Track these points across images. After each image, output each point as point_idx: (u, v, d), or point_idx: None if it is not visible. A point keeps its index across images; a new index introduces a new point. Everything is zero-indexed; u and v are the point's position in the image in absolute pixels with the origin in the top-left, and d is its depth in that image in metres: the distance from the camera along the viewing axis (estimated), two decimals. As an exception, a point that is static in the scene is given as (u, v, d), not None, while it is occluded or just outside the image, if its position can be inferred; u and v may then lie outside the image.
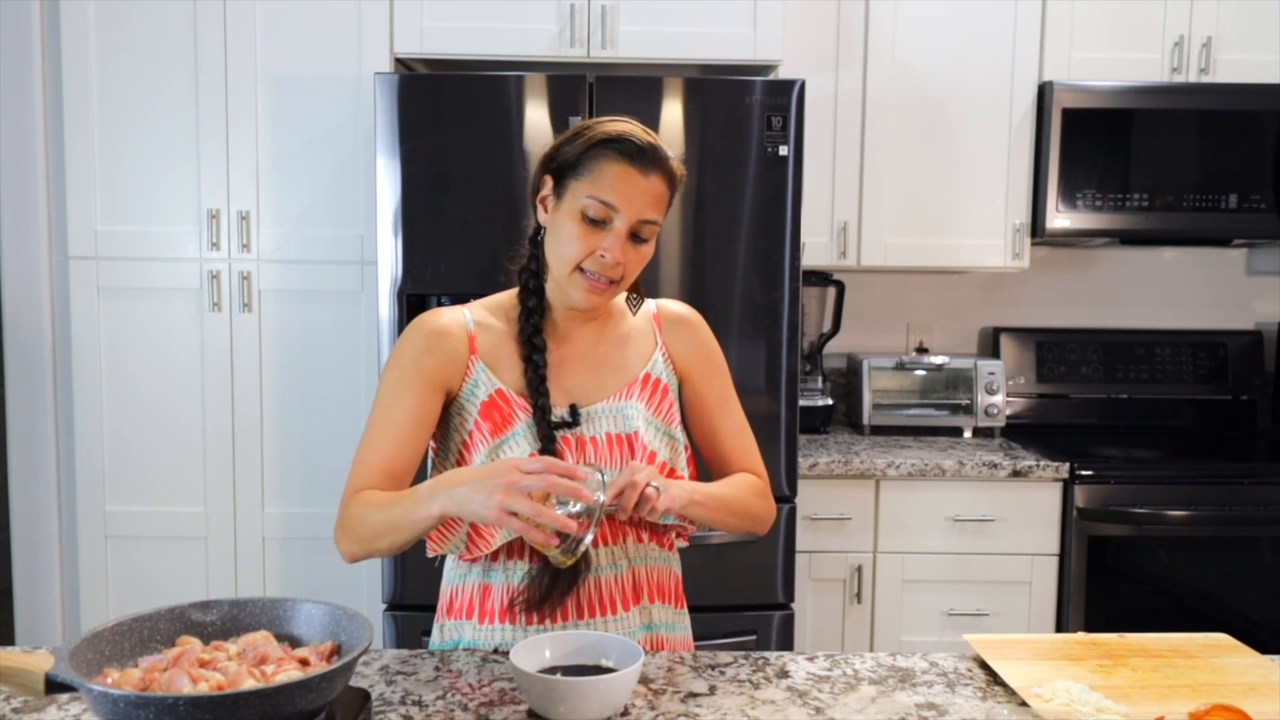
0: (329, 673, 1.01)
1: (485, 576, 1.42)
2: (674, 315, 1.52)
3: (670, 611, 1.49)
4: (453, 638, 1.45)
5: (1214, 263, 3.32)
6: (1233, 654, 1.40)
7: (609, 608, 1.41)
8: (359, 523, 1.37)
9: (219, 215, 2.67)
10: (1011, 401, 3.17)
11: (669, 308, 1.53)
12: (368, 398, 2.69)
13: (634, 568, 1.43)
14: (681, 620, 1.51)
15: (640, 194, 1.35)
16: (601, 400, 1.42)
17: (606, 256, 1.34)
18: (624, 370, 1.46)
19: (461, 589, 1.45)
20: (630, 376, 1.45)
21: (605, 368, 1.45)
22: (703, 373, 1.50)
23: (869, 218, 2.92)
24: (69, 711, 1.18)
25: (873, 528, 2.71)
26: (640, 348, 1.48)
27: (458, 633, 1.44)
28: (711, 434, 1.51)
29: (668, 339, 1.50)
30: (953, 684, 1.30)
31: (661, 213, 1.38)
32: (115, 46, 2.64)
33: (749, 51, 2.60)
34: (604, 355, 1.46)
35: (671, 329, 1.51)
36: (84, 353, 2.70)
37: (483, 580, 1.42)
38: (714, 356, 1.53)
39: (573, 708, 1.13)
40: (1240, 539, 2.71)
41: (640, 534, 1.44)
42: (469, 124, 2.43)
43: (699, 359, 1.51)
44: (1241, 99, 2.82)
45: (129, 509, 2.74)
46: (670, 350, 1.50)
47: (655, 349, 1.49)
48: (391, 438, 1.39)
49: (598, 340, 1.47)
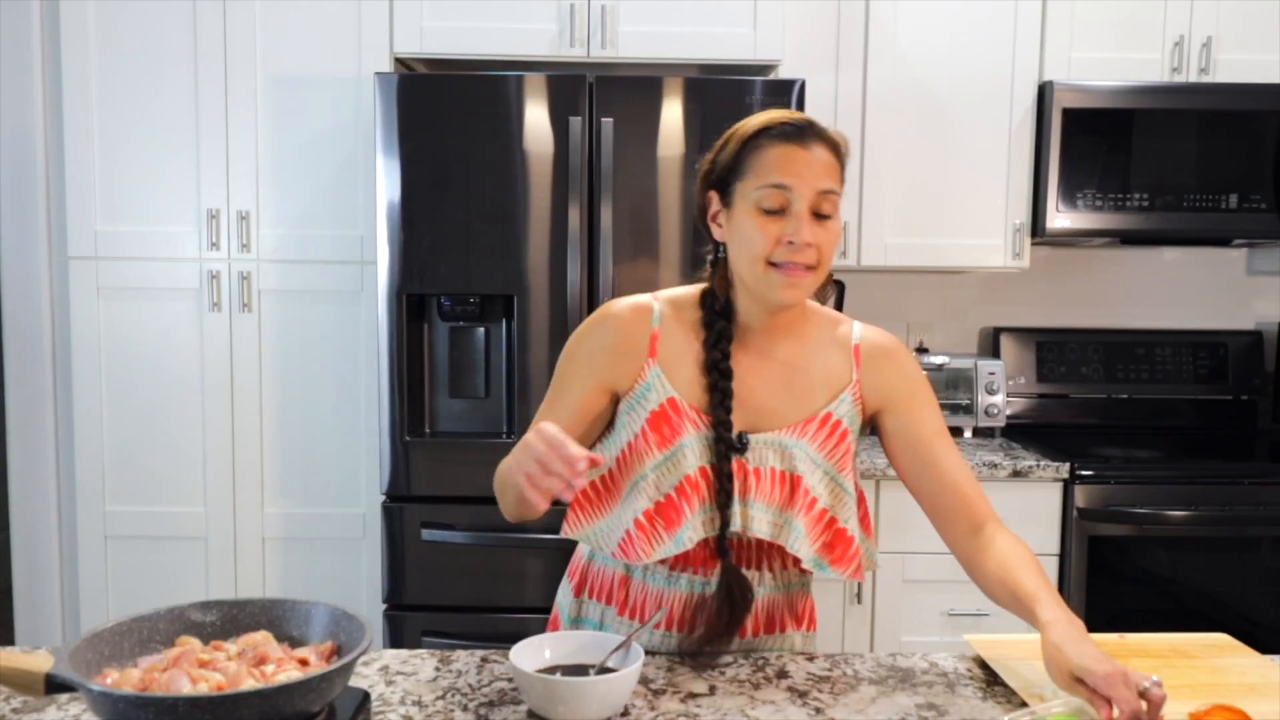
0: (329, 673, 1.01)
1: (628, 570, 1.41)
2: (875, 348, 1.41)
3: (801, 636, 1.46)
4: (590, 616, 1.45)
5: (1214, 263, 3.32)
6: (1233, 654, 1.40)
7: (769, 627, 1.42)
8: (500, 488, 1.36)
9: (219, 215, 2.67)
10: (1011, 401, 3.17)
11: (871, 339, 1.42)
12: (368, 398, 2.69)
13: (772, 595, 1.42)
14: (809, 644, 1.48)
15: (808, 166, 1.28)
16: (773, 430, 1.36)
17: (796, 240, 1.27)
18: (806, 403, 1.38)
19: (601, 571, 1.44)
20: (810, 412, 1.37)
21: (787, 395, 1.37)
22: (911, 404, 1.40)
23: (869, 218, 2.91)
24: (69, 711, 1.18)
25: (873, 528, 2.71)
26: (831, 381, 1.39)
27: (598, 615, 1.44)
28: (933, 464, 1.38)
29: (865, 375, 1.40)
30: (953, 684, 1.30)
31: (837, 180, 1.31)
32: (115, 46, 2.64)
33: (749, 51, 2.60)
34: (789, 378, 1.38)
35: (871, 364, 1.40)
36: (84, 353, 2.70)
37: (624, 572, 1.41)
38: (922, 388, 1.42)
39: (573, 708, 1.13)
40: (1240, 539, 2.71)
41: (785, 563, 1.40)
42: (469, 124, 2.43)
43: (906, 391, 1.40)
44: (1241, 99, 2.82)
45: (129, 509, 2.74)
46: (866, 387, 1.40)
47: (847, 387, 1.39)
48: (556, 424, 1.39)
49: (785, 358, 1.38)
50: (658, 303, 1.39)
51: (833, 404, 1.38)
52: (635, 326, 1.37)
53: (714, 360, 1.34)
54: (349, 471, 2.72)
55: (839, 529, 1.37)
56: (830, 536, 1.37)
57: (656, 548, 1.33)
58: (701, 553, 1.37)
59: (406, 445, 2.51)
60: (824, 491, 1.36)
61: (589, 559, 1.47)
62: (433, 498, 2.52)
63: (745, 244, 1.30)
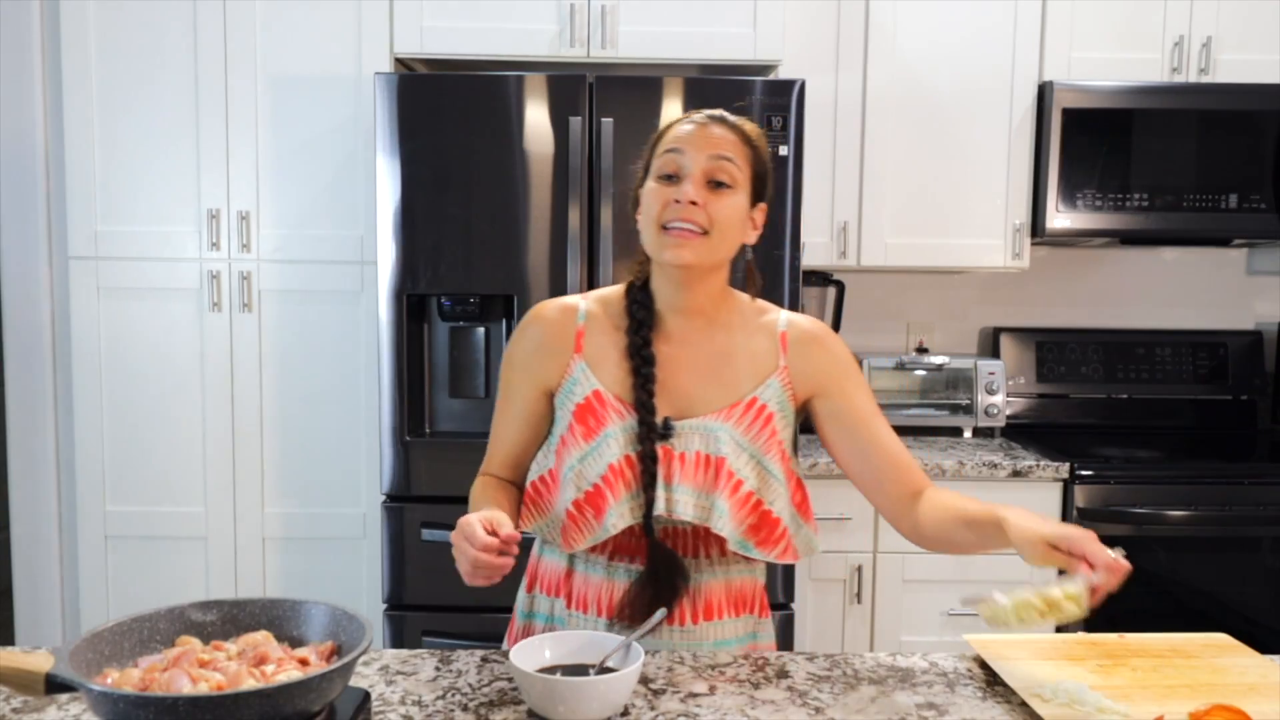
0: (329, 673, 1.01)
1: (570, 562, 1.44)
2: (803, 334, 1.44)
3: (753, 621, 1.48)
4: (541, 610, 1.47)
5: (1214, 263, 3.32)
6: (1233, 654, 1.40)
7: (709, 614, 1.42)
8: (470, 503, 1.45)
9: (219, 215, 2.67)
10: (1011, 401, 3.17)
11: (799, 325, 1.44)
12: (368, 398, 2.69)
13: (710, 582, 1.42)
14: (763, 629, 1.50)
15: (704, 138, 1.34)
16: (696, 416, 1.38)
17: (681, 199, 1.31)
18: (732, 388, 1.40)
19: (549, 566, 1.47)
20: (735, 398, 1.39)
21: (712, 380, 1.40)
22: (844, 387, 1.42)
23: (869, 218, 2.92)
24: (69, 711, 1.18)
25: (873, 528, 2.71)
26: (757, 367, 1.41)
27: (548, 608, 1.46)
28: (873, 443, 1.41)
29: (793, 361, 1.42)
30: (953, 684, 1.30)
31: (738, 153, 1.35)
32: (115, 46, 2.64)
33: (749, 51, 2.60)
34: (715, 366, 1.40)
35: (799, 349, 1.42)
36: (84, 353, 2.70)
37: (568, 565, 1.44)
38: (854, 371, 1.44)
39: (572, 708, 1.13)
40: (1240, 539, 2.71)
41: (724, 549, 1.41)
42: (469, 124, 2.43)
43: (837, 374, 1.43)
44: (1241, 99, 2.82)
45: (129, 509, 2.74)
46: (795, 373, 1.42)
47: (773, 373, 1.41)
48: (508, 432, 1.47)
49: (710, 347, 1.41)
50: (584, 301, 1.45)
51: (759, 389, 1.40)
52: (561, 324, 1.42)
53: (635, 346, 1.38)
54: (349, 471, 2.72)
55: (764, 511, 1.38)
56: (756, 519, 1.38)
57: (587, 535, 1.37)
58: (638, 542, 1.39)
59: (406, 445, 2.51)
60: (750, 474, 1.38)
61: (539, 555, 1.51)
62: (433, 498, 2.52)
63: (644, 212, 1.36)
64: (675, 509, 1.35)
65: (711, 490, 1.36)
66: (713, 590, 1.42)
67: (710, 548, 1.41)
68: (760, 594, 1.50)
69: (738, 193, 1.35)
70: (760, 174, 1.39)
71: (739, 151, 1.36)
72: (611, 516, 1.35)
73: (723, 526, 1.35)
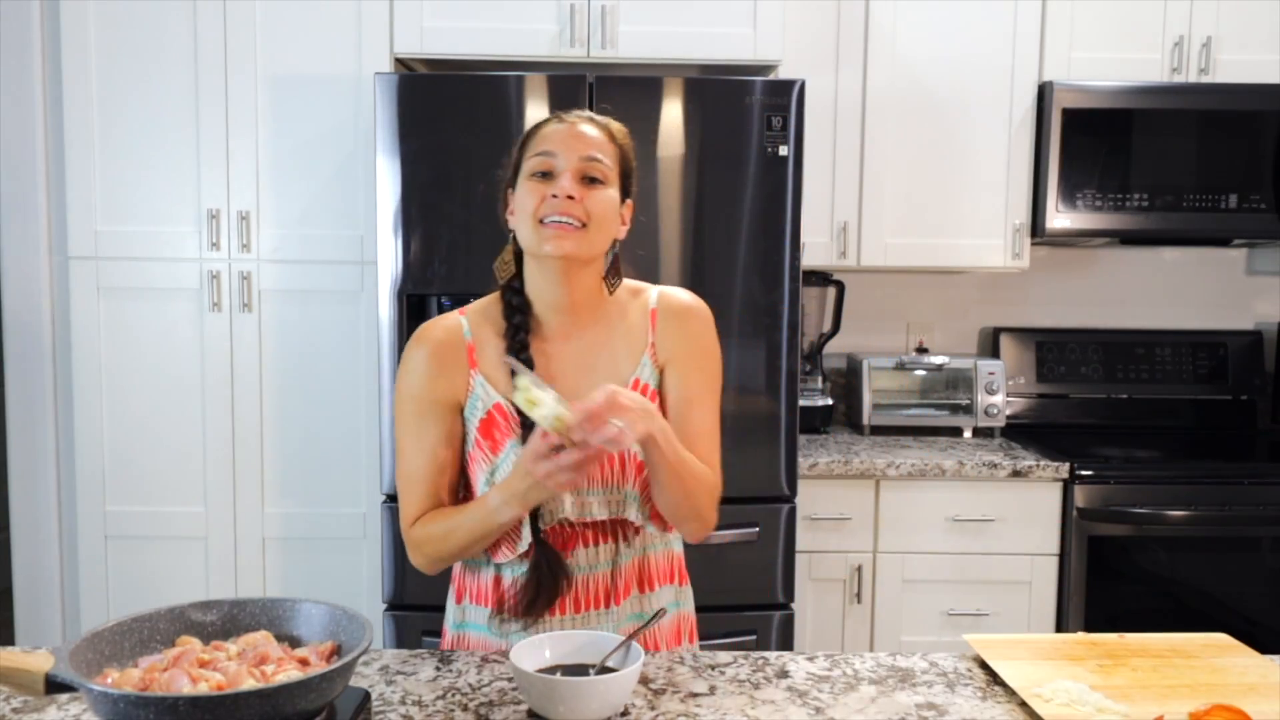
0: (329, 673, 1.01)
1: (498, 569, 1.44)
2: (672, 308, 1.46)
3: (672, 590, 1.50)
4: (474, 620, 1.47)
5: (1214, 263, 3.32)
6: (1233, 654, 1.40)
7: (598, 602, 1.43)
8: (437, 543, 1.40)
9: (219, 215, 2.67)
10: (1011, 401, 3.17)
11: (670, 299, 1.47)
12: (368, 397, 2.69)
13: (630, 561, 1.44)
14: (684, 597, 1.52)
15: (575, 138, 1.37)
16: None
17: (559, 194, 1.34)
18: (613, 375, 1.42)
19: (476, 576, 1.47)
20: (619, 383, 1.40)
21: (597, 371, 1.42)
22: (685, 366, 1.44)
23: (869, 218, 2.92)
24: (69, 711, 1.18)
25: (873, 528, 2.71)
26: (632, 349, 1.44)
27: (479, 617, 1.46)
28: (680, 429, 1.40)
29: (659, 336, 1.45)
30: (953, 684, 1.30)
31: (607, 154, 1.39)
32: (115, 46, 2.64)
33: (749, 51, 2.60)
34: (594, 358, 1.43)
35: (664, 323, 1.45)
36: (84, 353, 2.70)
37: (496, 572, 1.44)
38: (700, 352, 1.46)
39: (573, 708, 1.14)
40: (1240, 539, 2.71)
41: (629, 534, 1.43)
42: (469, 124, 2.43)
43: (681, 351, 1.45)
44: (1241, 99, 2.82)
45: (129, 509, 2.74)
46: (659, 347, 1.44)
47: (644, 350, 1.44)
48: (431, 467, 1.42)
49: (591, 338, 1.44)
50: (464, 316, 1.45)
51: (637, 370, 1.43)
52: (450, 343, 1.43)
53: (513, 351, 1.39)
54: (349, 471, 2.72)
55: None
56: None
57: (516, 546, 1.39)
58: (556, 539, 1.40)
59: (406, 445, 2.50)
60: None
61: (464, 566, 1.50)
62: (433, 498, 2.52)
63: (521, 210, 1.38)
64: (590, 511, 1.39)
65: (622, 484, 1.40)
66: (642, 565, 1.45)
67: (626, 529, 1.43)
68: (680, 563, 1.52)
69: (609, 187, 1.39)
70: (627, 172, 1.43)
71: (608, 150, 1.39)
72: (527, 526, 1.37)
73: (635, 515, 1.40)
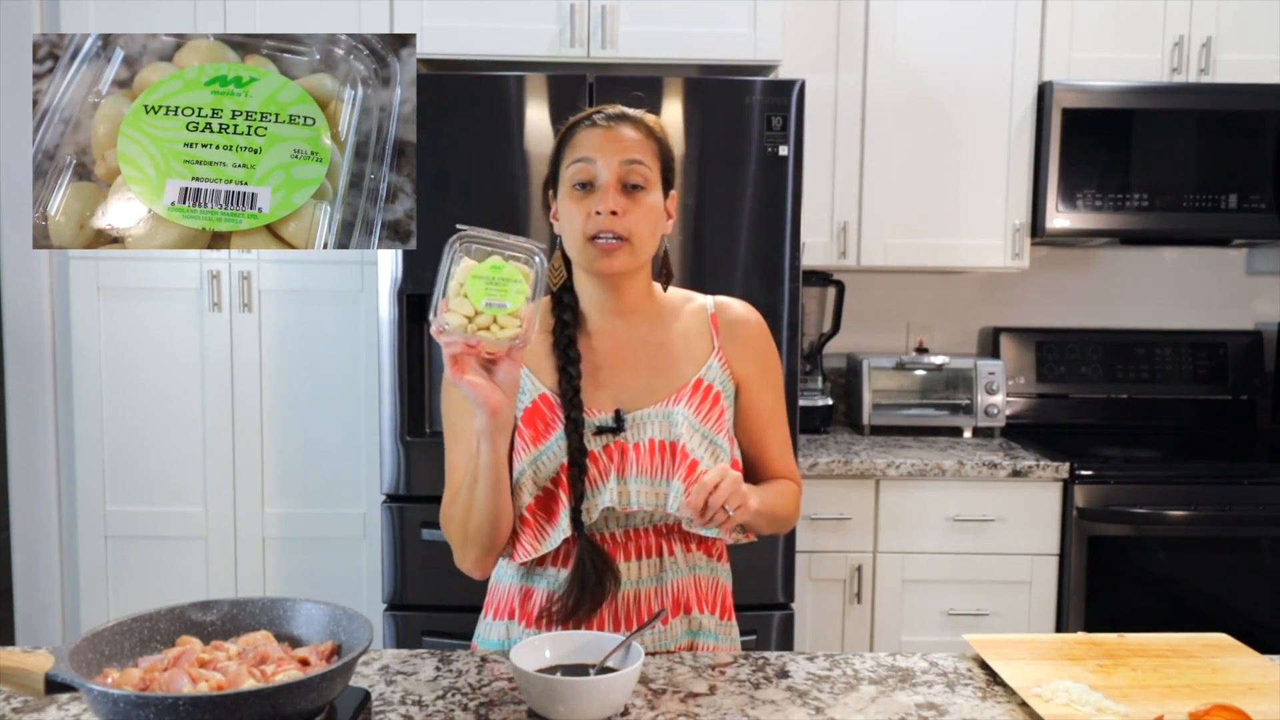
0: (329, 673, 1.01)
1: (527, 580, 1.43)
2: (733, 318, 1.48)
3: (714, 622, 1.46)
4: (497, 637, 1.45)
5: (1214, 263, 3.32)
6: (1233, 654, 1.40)
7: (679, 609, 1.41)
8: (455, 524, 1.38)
9: (219, 215, 2.67)
10: (1011, 401, 3.17)
11: (729, 309, 1.49)
12: (368, 398, 2.69)
13: (677, 580, 1.42)
14: (727, 632, 1.48)
15: (613, 141, 1.36)
16: (649, 405, 1.40)
17: (602, 210, 1.34)
18: (674, 374, 1.42)
19: (506, 590, 1.46)
20: (681, 381, 1.42)
21: (654, 371, 1.42)
22: (760, 384, 1.48)
23: (869, 218, 2.92)
24: (69, 711, 1.18)
25: (873, 528, 2.71)
26: (695, 350, 1.45)
27: (504, 632, 1.44)
28: (760, 442, 1.49)
29: (726, 343, 1.46)
30: (953, 684, 1.30)
31: (647, 154, 1.38)
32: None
33: (749, 51, 2.60)
34: (653, 357, 1.43)
35: (730, 333, 1.47)
36: (84, 353, 2.70)
37: (524, 584, 1.43)
38: (771, 367, 1.50)
39: (573, 708, 1.13)
40: (1240, 539, 2.71)
41: (688, 545, 1.42)
42: (469, 124, 2.43)
43: (758, 370, 1.47)
44: (1241, 99, 2.82)
45: (129, 509, 2.74)
46: (730, 355, 1.46)
47: (711, 354, 1.45)
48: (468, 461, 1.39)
49: (646, 340, 1.44)
50: None
51: (701, 370, 1.43)
52: None
53: (562, 345, 1.39)
54: (349, 471, 2.72)
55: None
56: None
57: (543, 541, 1.37)
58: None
59: (407, 445, 2.51)
60: (705, 455, 1.39)
61: (495, 580, 1.49)
62: (433, 497, 2.50)
63: (567, 225, 1.38)
64: (632, 500, 1.36)
65: (670, 476, 1.38)
66: (682, 587, 1.42)
67: (675, 544, 1.42)
68: (726, 595, 1.49)
69: (652, 191, 1.38)
70: (668, 165, 1.43)
71: (647, 150, 1.39)
72: (565, 519, 1.35)
73: (676, 506, 1.37)
